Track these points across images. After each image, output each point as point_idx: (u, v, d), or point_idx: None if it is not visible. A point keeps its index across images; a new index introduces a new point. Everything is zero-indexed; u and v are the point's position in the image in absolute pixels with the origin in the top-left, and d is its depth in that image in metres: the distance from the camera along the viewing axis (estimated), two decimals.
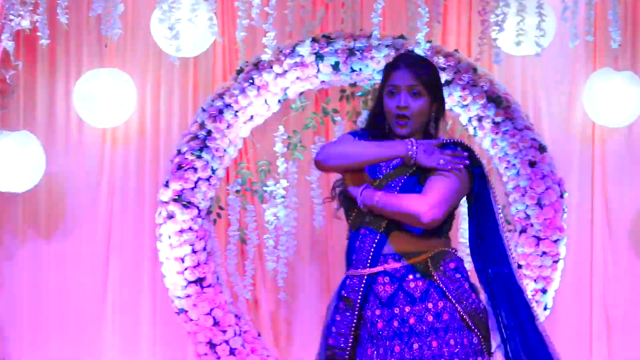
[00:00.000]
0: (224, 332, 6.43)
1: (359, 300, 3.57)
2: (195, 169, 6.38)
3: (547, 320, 6.38)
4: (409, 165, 3.57)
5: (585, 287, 6.99)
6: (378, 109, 3.75)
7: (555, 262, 6.28)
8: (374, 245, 3.58)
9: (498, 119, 6.31)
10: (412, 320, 3.53)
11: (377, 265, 3.57)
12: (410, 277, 3.56)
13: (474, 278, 3.68)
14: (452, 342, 3.53)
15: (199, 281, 6.39)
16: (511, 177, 6.31)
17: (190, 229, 6.37)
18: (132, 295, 7.11)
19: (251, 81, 6.45)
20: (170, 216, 6.37)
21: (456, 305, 3.55)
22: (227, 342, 6.44)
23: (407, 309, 3.54)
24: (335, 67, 6.42)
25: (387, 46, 6.35)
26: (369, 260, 3.57)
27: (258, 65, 6.48)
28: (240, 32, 6.26)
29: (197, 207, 6.38)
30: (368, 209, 3.58)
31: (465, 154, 3.57)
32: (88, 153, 7.14)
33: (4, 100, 6.83)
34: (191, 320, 6.42)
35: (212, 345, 6.45)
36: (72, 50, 7.15)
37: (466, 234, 6.50)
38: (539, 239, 6.24)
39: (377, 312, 3.57)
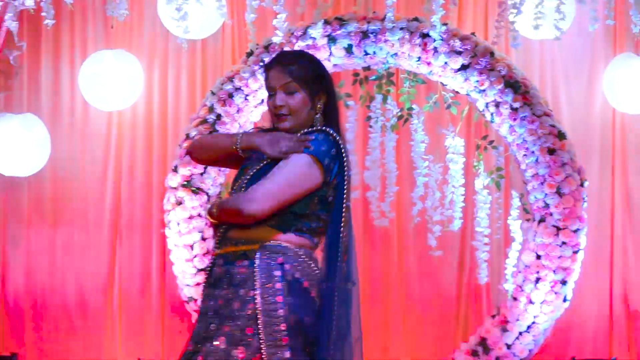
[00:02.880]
0: None
1: (207, 278, 3.66)
2: None
3: (566, 311, 6.28)
4: (264, 157, 3.64)
5: (605, 278, 6.93)
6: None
7: (575, 252, 6.16)
8: (222, 229, 3.64)
9: (516, 105, 6.18)
10: (220, 302, 3.55)
11: (221, 247, 3.63)
12: (238, 262, 3.56)
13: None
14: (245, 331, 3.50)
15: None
16: (530, 164, 6.19)
17: (199, 215, 6.27)
18: (140, 283, 7.08)
19: (261, 64, 6.33)
20: (179, 202, 6.27)
21: (259, 303, 3.51)
22: None
23: (224, 292, 3.55)
24: (348, 50, 6.29)
25: (401, 29, 6.22)
26: (218, 240, 3.64)
27: (269, 48, 6.36)
28: (250, 14, 6.13)
29: (207, 193, 6.30)
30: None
31: (311, 137, 3.59)
32: (94, 137, 7.10)
33: (7, 82, 6.79)
34: None
35: None
36: (77, 31, 7.11)
37: (483, 222, 6.47)
38: (558, 228, 6.13)
39: (206, 290, 3.63)
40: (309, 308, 3.55)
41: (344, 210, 3.62)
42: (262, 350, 3.46)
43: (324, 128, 3.65)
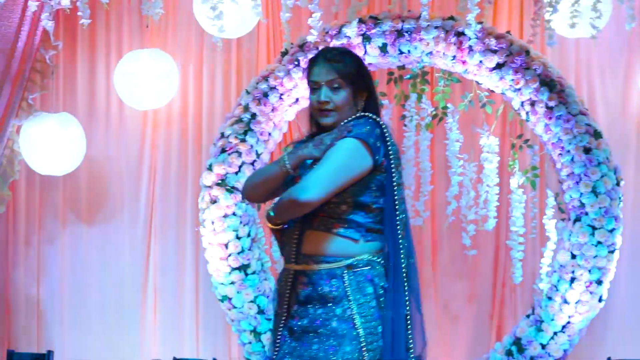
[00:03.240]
0: (269, 320, 6.33)
1: (286, 295, 3.71)
2: (239, 153, 6.28)
3: (601, 312, 6.24)
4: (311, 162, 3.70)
5: None
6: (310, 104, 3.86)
7: (611, 252, 6.12)
8: (295, 241, 3.69)
9: (551, 104, 6.15)
10: (318, 322, 3.62)
11: (300, 264, 3.67)
12: (326, 281, 3.63)
13: None
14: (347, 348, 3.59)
15: (243, 268, 6.30)
16: (565, 163, 6.16)
17: (234, 214, 6.28)
18: (174, 282, 7.08)
19: (296, 63, 6.33)
20: (214, 201, 6.28)
21: (355, 317, 3.60)
22: (272, 330, 6.31)
23: (320, 310, 3.62)
24: (383, 49, 6.28)
25: (436, 27, 6.21)
26: (293, 256, 3.69)
27: (303, 47, 6.36)
28: (285, 13, 6.14)
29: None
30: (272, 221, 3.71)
31: (351, 123, 3.66)
32: (129, 136, 7.11)
33: (43, 81, 6.79)
34: (235, 307, 6.33)
35: (256, 334, 6.35)
36: (112, 31, 7.11)
37: (518, 222, 6.45)
38: (594, 228, 6.09)
39: (295, 307, 3.67)
40: (395, 310, 3.65)
41: (395, 187, 3.66)
42: None
43: (362, 114, 3.71)
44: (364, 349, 3.57)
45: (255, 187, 3.80)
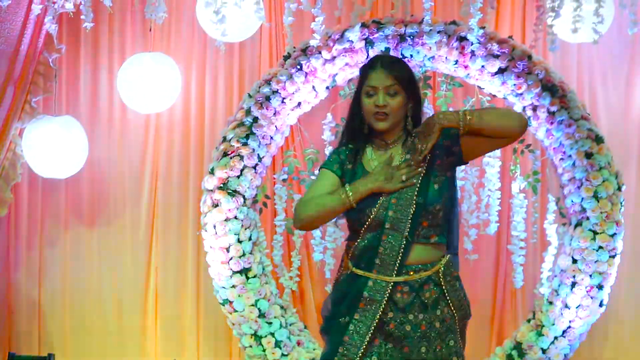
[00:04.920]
0: (270, 324, 6.34)
1: (382, 306, 3.91)
2: (241, 157, 6.28)
3: (602, 317, 6.24)
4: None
5: None
6: (356, 109, 4.04)
7: (612, 257, 6.14)
8: (400, 254, 3.91)
9: (553, 109, 6.17)
10: (423, 327, 3.95)
11: (401, 275, 3.92)
12: (425, 287, 3.94)
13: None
14: (451, 342, 4.02)
15: (244, 271, 6.31)
16: (567, 168, 6.18)
17: (235, 217, 6.28)
18: (176, 285, 7.06)
19: (299, 67, 6.34)
20: (216, 204, 6.28)
21: (454, 312, 4.02)
22: (272, 334, 6.34)
23: (421, 316, 3.94)
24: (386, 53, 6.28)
25: (438, 32, 6.22)
26: (395, 268, 3.91)
27: (306, 51, 6.36)
28: (288, 17, 6.15)
29: (243, 196, 6.29)
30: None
31: (428, 140, 3.90)
32: (132, 139, 7.10)
33: (46, 84, 6.78)
34: (236, 311, 6.33)
35: (257, 337, 6.36)
36: (115, 34, 7.09)
37: (519, 226, 6.46)
38: (595, 232, 6.11)
39: (390, 314, 3.93)
40: None
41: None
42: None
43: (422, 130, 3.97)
44: None
45: (313, 221, 3.99)
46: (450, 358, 3.97)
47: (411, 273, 3.91)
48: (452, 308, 3.98)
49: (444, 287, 3.95)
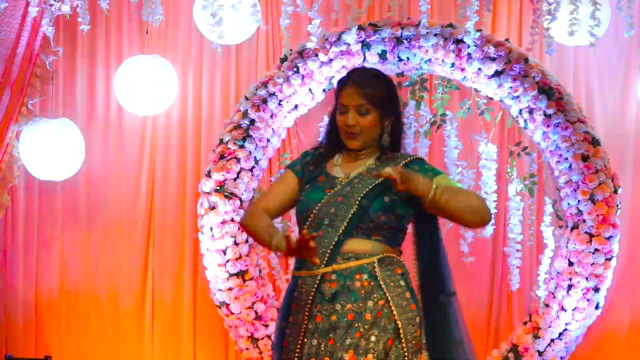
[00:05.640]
0: (266, 326, 6.34)
1: (309, 300, 3.78)
2: (238, 159, 6.29)
3: (598, 319, 6.25)
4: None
5: (639, 285, 6.81)
6: (333, 123, 3.96)
7: (608, 259, 6.15)
8: (331, 247, 3.77)
9: (550, 111, 6.17)
10: (350, 316, 3.73)
11: (329, 265, 3.76)
12: (357, 276, 3.75)
13: None
14: (373, 338, 3.72)
15: (241, 274, 6.31)
16: (563, 171, 6.19)
17: (232, 220, 6.28)
18: (172, 287, 7.04)
19: (295, 70, 6.34)
20: (212, 207, 6.28)
21: (394, 310, 3.75)
22: (269, 336, 6.34)
23: (349, 305, 3.73)
24: (382, 56, 6.30)
25: (435, 35, 6.22)
26: (324, 261, 3.76)
27: (303, 54, 6.36)
28: (285, 19, 6.16)
29: (240, 198, 6.30)
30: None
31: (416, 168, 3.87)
32: (128, 141, 7.08)
33: (43, 87, 6.78)
34: (232, 313, 6.34)
35: (253, 340, 6.37)
36: (112, 37, 7.08)
37: (515, 229, 6.46)
38: (591, 235, 6.12)
39: (318, 307, 3.77)
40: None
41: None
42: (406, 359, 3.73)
43: (418, 157, 3.97)
44: None
45: (248, 233, 4.05)
46: (367, 354, 3.68)
47: (339, 260, 3.75)
48: (391, 305, 3.73)
49: (379, 277, 3.74)
